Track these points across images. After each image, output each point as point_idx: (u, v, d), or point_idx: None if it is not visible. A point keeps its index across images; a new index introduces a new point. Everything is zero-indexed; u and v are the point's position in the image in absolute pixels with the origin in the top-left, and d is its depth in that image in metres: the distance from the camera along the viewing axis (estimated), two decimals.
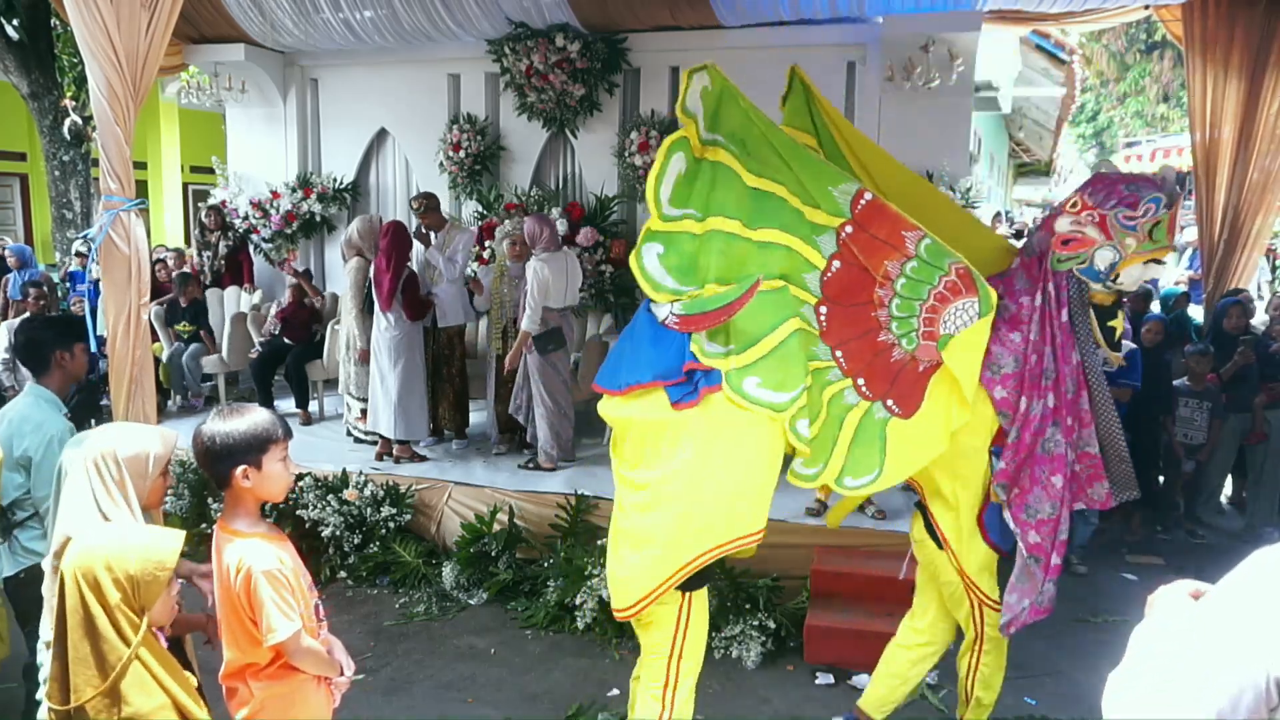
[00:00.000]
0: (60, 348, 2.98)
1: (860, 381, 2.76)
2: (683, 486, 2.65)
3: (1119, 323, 3.03)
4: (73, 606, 1.70)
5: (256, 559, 2.01)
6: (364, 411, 5.76)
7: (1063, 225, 2.84)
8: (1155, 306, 7.17)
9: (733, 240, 2.67)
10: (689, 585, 2.73)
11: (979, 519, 2.96)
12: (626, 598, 2.69)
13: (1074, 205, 2.84)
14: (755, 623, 4.11)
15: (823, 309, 2.76)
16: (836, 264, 2.73)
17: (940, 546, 3.03)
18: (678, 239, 2.69)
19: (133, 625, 1.71)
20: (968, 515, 2.94)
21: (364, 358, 5.69)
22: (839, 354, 2.78)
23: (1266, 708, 0.99)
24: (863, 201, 2.70)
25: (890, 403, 2.75)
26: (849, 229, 2.71)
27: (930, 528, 3.06)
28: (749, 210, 2.67)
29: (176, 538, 1.82)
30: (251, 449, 2.04)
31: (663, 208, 2.67)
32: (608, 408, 2.77)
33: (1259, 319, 6.76)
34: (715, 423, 2.62)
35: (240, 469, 2.03)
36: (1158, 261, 2.82)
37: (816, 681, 3.89)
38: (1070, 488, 2.84)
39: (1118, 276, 2.79)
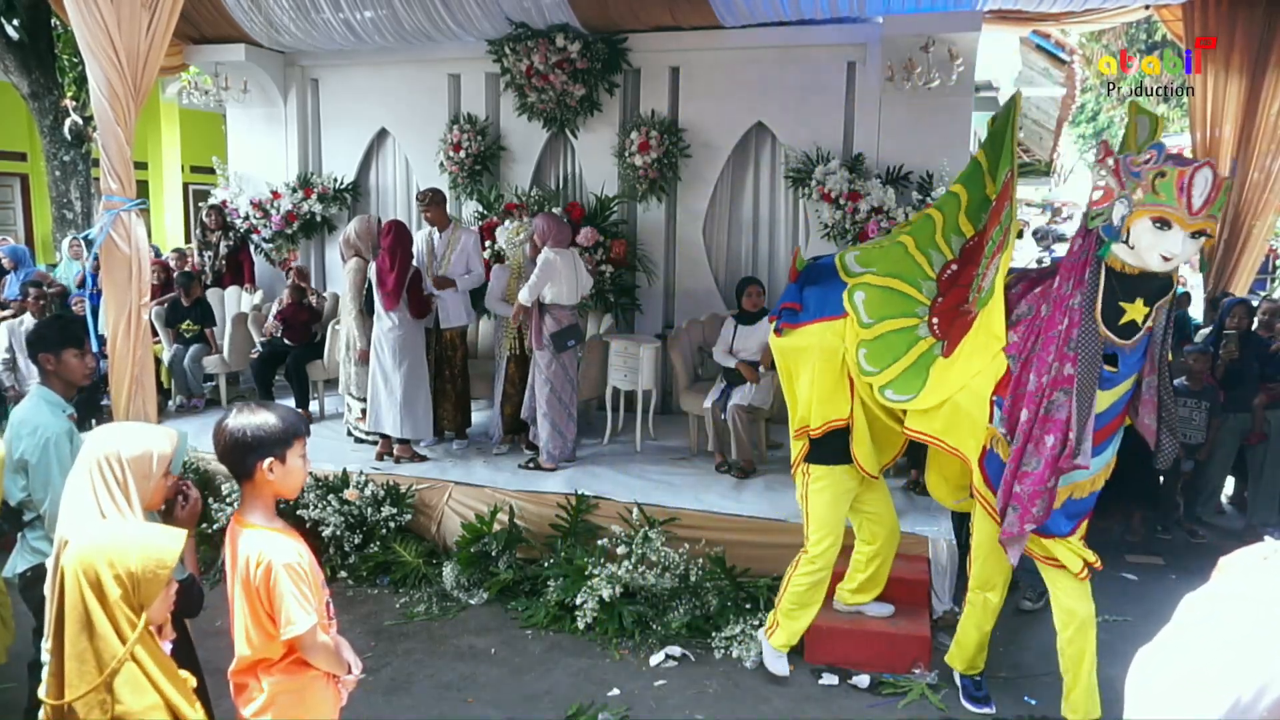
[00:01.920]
0: (45, 350, 2.98)
1: (935, 320, 3.48)
2: (787, 393, 3.84)
3: (1135, 310, 2.91)
4: (72, 603, 1.70)
5: (277, 552, 2.03)
6: (364, 411, 5.76)
7: (1095, 177, 2.93)
8: None
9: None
10: (809, 457, 3.73)
11: (980, 463, 3.29)
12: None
13: (1100, 154, 2.90)
14: (755, 623, 4.12)
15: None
16: (954, 266, 3.62)
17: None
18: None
19: (130, 623, 1.71)
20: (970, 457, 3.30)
21: (364, 358, 5.69)
22: (939, 298, 3.52)
23: None
24: (1007, 178, 3.43)
25: (944, 343, 3.37)
26: (994, 201, 3.53)
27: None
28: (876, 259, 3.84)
29: (177, 536, 1.82)
30: (279, 443, 2.07)
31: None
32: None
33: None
34: (786, 349, 3.77)
35: (267, 462, 2.06)
36: (1165, 224, 2.72)
37: (818, 681, 3.88)
38: (1059, 453, 2.98)
39: (1129, 234, 2.80)
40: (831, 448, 3.70)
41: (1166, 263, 2.80)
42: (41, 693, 1.78)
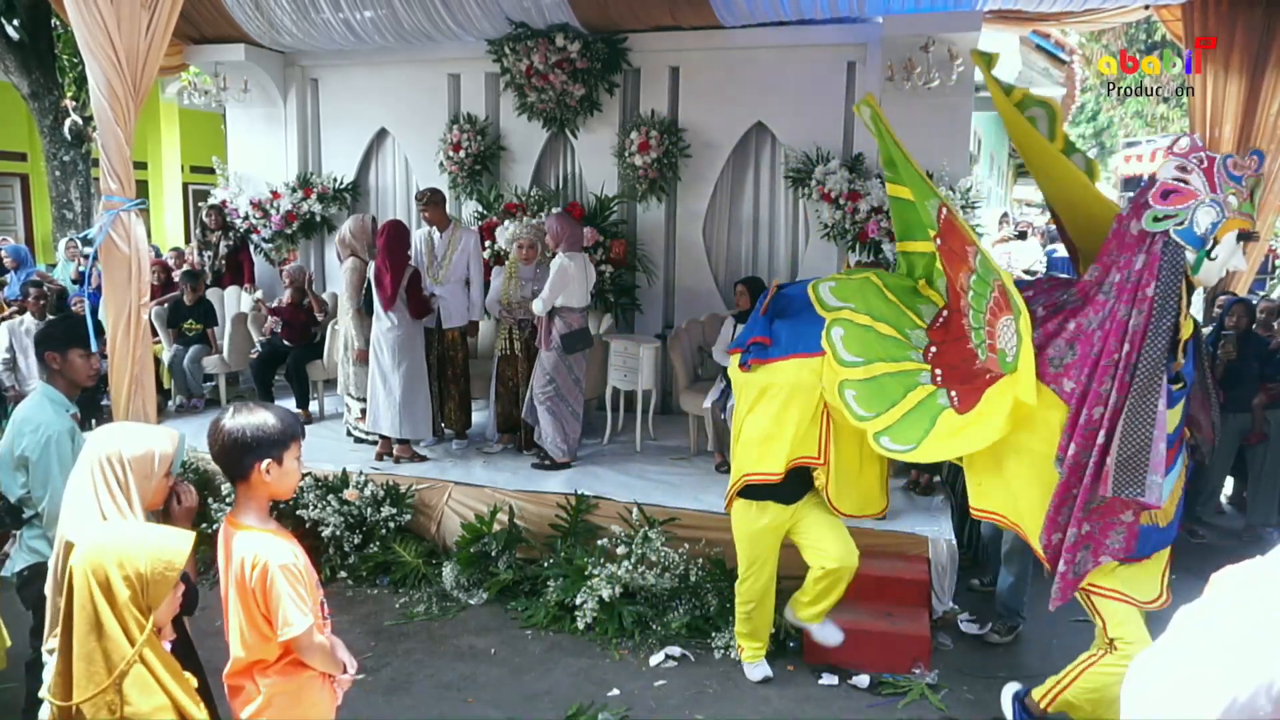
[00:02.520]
0: (51, 349, 2.99)
1: (938, 371, 3.17)
2: (738, 426, 3.64)
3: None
4: (81, 603, 1.70)
5: (273, 553, 2.03)
6: (364, 411, 5.76)
7: (1166, 172, 2.59)
8: None
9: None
10: (741, 493, 3.64)
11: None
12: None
13: (1181, 148, 2.59)
14: None
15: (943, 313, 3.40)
16: (945, 313, 3.36)
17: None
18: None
19: (139, 625, 1.71)
20: (1031, 521, 2.92)
21: (361, 358, 5.68)
22: (933, 348, 3.25)
23: None
24: (942, 215, 3.13)
25: (954, 395, 3.05)
26: (938, 240, 3.22)
27: None
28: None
29: (186, 538, 1.83)
30: (277, 444, 2.07)
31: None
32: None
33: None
34: (755, 385, 3.52)
35: (265, 463, 2.06)
36: (1247, 238, 2.55)
37: (819, 681, 3.88)
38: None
39: (1217, 243, 2.52)
40: (751, 485, 3.60)
41: (1215, 279, 2.63)
42: (45, 693, 1.78)
